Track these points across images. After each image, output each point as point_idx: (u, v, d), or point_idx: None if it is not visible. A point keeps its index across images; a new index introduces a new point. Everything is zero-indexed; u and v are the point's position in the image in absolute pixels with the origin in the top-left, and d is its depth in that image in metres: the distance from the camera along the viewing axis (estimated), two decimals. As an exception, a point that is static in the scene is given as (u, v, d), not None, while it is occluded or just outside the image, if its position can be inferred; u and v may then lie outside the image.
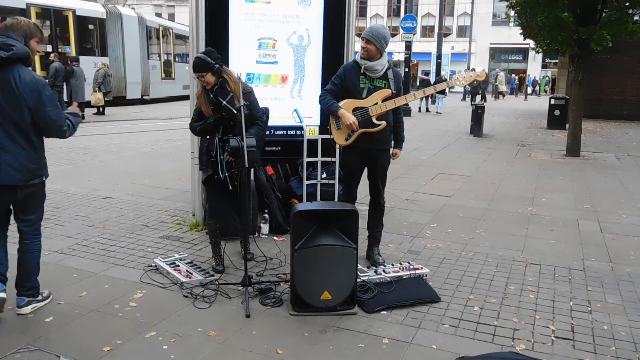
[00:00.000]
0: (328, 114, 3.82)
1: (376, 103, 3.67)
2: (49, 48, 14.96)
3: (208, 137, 3.64)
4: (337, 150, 4.45)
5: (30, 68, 2.87)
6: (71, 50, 16.11)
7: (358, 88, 3.70)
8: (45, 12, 15.32)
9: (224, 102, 3.46)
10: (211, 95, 3.50)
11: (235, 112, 3.42)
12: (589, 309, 3.30)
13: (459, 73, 3.84)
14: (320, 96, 3.85)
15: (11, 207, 2.97)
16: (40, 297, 3.13)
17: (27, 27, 2.91)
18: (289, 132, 4.72)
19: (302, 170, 4.53)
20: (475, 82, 21.37)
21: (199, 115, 3.66)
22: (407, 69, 18.43)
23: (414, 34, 19.50)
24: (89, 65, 15.10)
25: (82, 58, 15.16)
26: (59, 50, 15.43)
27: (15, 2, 13.95)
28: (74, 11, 16.15)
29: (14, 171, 2.77)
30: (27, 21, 2.99)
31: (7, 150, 2.75)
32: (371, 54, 3.64)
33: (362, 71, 3.69)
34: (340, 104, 3.69)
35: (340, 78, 3.76)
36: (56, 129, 2.87)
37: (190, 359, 2.59)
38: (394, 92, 3.72)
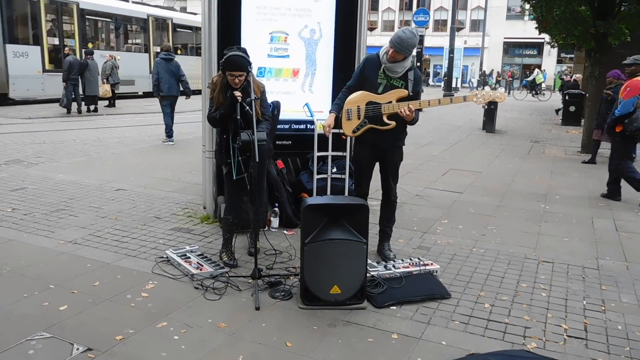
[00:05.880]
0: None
1: (390, 102, 3.64)
2: (157, 49, 18.66)
3: (225, 136, 3.55)
4: (348, 145, 4.44)
5: None
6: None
7: (375, 83, 3.68)
8: (159, 21, 20.46)
9: (247, 106, 3.35)
10: (230, 97, 3.37)
11: (252, 113, 3.29)
12: (603, 308, 3.26)
13: (479, 90, 3.73)
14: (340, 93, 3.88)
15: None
16: None
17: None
18: (299, 126, 4.71)
19: (313, 164, 4.53)
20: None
21: (215, 106, 3.57)
22: (419, 64, 18.30)
23: (426, 28, 19.37)
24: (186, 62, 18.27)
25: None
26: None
27: (139, 14, 19.25)
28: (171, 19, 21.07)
29: None
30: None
31: None
32: (397, 60, 3.59)
33: (382, 68, 3.67)
34: (356, 95, 3.68)
35: (360, 70, 3.77)
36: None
37: (201, 349, 2.61)
38: (411, 94, 3.67)
